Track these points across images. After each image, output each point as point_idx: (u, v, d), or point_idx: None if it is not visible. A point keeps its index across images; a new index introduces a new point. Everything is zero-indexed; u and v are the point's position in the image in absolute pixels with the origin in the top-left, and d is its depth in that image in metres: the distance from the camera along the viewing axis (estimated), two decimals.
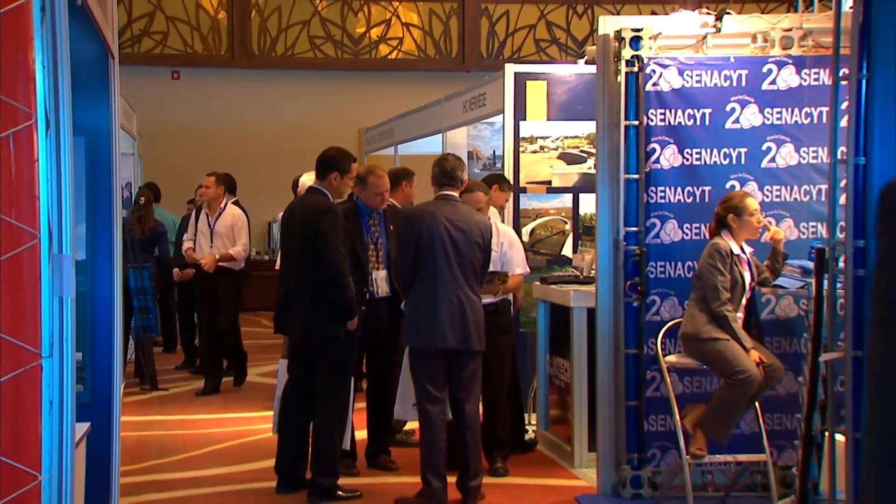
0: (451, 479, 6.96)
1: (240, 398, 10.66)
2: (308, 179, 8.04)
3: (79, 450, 3.18)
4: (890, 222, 2.76)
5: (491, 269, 7.51)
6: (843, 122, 4.25)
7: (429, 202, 7.14)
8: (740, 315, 6.57)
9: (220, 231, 10.85)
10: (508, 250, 7.71)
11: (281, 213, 7.79)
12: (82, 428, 4.37)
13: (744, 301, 6.62)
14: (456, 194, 7.08)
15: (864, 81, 4.11)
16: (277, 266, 8.02)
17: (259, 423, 9.33)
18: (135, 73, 15.94)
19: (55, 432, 2.71)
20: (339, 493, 7.12)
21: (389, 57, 18.98)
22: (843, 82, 4.23)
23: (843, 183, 4.25)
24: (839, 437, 4.38)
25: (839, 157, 4.30)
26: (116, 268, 5.97)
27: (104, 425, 5.55)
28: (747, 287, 6.61)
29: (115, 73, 6.01)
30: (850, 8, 4.17)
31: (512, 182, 9.06)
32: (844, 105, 4.22)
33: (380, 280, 7.68)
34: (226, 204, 10.95)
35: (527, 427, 8.72)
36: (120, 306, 5.88)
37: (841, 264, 4.32)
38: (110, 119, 5.97)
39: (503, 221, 8.55)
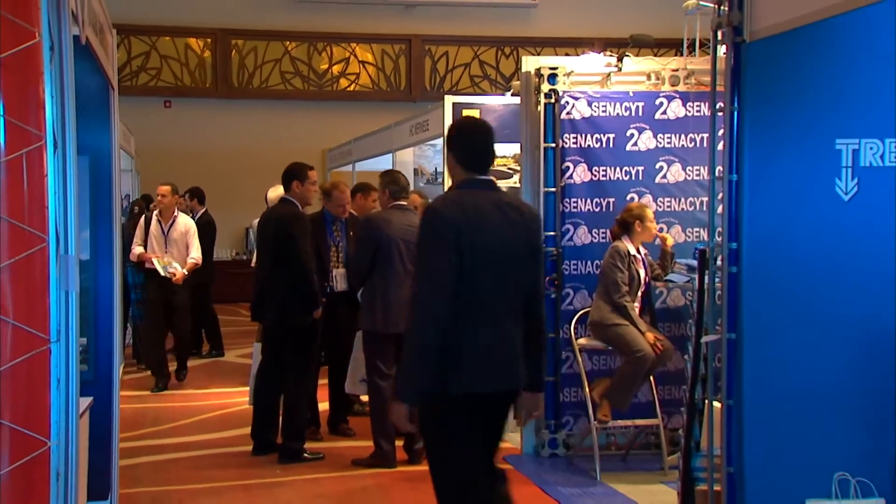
0: (399, 443, 6.99)
1: (221, 376, 10.58)
2: (273, 193, 8.01)
3: (83, 420, 3.16)
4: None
5: None
6: (720, 146, 4.29)
7: (386, 210, 7.09)
8: (637, 305, 6.65)
9: (174, 237, 9.79)
10: None
11: (255, 220, 7.75)
12: (86, 401, 4.33)
13: (640, 293, 6.69)
14: (407, 203, 7.11)
15: (735, 113, 4.16)
16: (254, 264, 7.98)
17: (237, 397, 9.29)
18: (133, 103, 15.81)
19: (62, 405, 2.69)
20: (306, 455, 7.11)
21: (348, 89, 18.92)
22: (720, 113, 4.27)
23: (720, 196, 4.30)
24: (716, 404, 4.44)
25: (717, 174, 4.34)
26: (116, 266, 5.92)
27: (105, 399, 5.50)
28: (642, 282, 6.67)
29: (115, 102, 5.97)
30: (724, 54, 4.22)
31: None
32: (721, 132, 4.27)
33: (339, 277, 7.67)
34: (177, 212, 9.94)
35: None
36: (119, 298, 5.83)
37: (718, 263, 4.37)
38: (111, 141, 5.93)
39: None
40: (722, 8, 4.17)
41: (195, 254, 9.87)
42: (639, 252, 6.66)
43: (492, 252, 3.85)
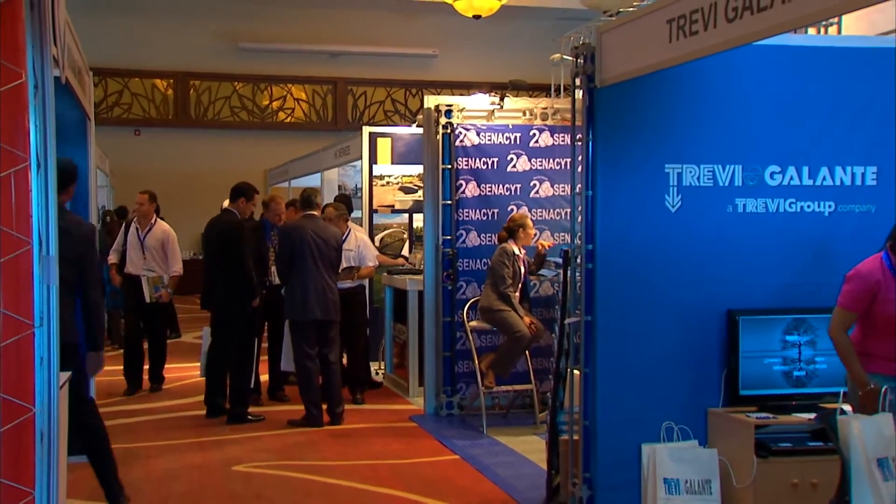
0: (325, 407, 6.96)
1: (179, 354, 10.34)
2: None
3: (62, 391, 3.10)
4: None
5: (351, 263, 7.56)
6: (579, 169, 4.39)
7: (298, 219, 7.08)
8: (517, 294, 6.73)
9: (150, 244, 8.19)
10: (363, 250, 7.72)
11: None
12: (65, 375, 4.23)
13: (520, 285, 6.78)
14: (316, 213, 7.08)
15: (590, 143, 4.26)
16: None
17: (192, 371, 9.11)
18: (109, 131, 15.65)
19: (44, 378, 2.65)
20: (249, 417, 7.04)
21: (285, 121, 18.77)
22: (579, 143, 4.37)
23: (579, 208, 4.40)
24: (576, 372, 4.54)
25: (577, 191, 4.44)
26: None
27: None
28: (522, 276, 6.76)
29: (92, 130, 5.88)
30: (581, 96, 4.32)
31: (367, 206, 9.13)
32: (580, 158, 4.37)
33: (275, 273, 7.58)
34: (155, 219, 8.38)
35: (377, 371, 8.74)
36: None
37: (578, 261, 4.46)
38: (88, 162, 5.83)
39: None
40: (579, 61, 4.28)
41: (176, 266, 8.27)
42: (520, 252, 6.75)
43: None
